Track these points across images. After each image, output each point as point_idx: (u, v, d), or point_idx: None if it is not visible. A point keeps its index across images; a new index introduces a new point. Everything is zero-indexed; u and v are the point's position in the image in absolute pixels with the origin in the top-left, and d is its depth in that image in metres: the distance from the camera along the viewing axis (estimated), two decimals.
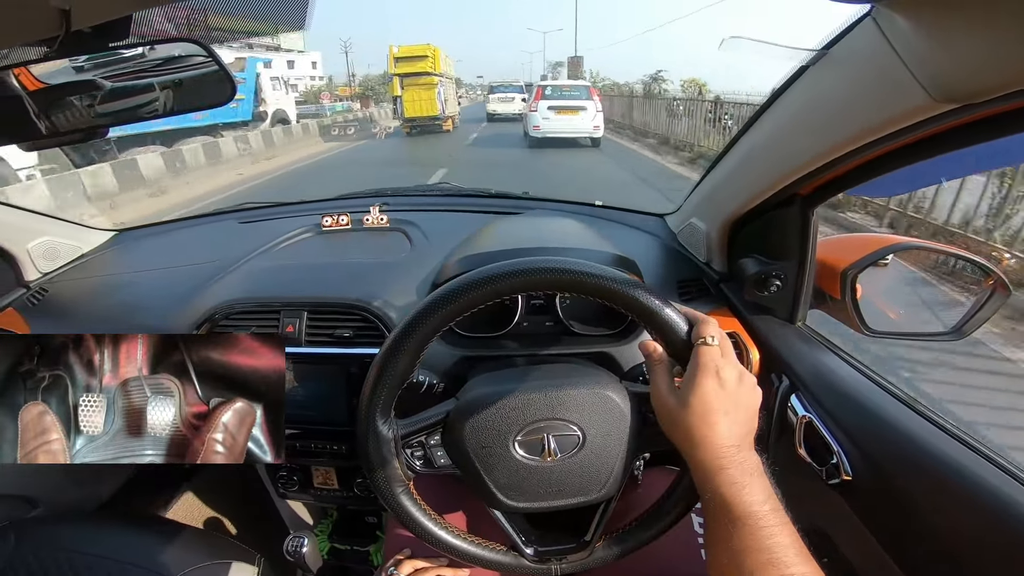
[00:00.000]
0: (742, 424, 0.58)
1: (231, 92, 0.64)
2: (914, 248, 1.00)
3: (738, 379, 0.59)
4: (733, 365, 0.60)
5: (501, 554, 0.73)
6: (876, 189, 0.78)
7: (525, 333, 1.00)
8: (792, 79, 0.72)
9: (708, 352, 0.59)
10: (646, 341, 0.66)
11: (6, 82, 0.62)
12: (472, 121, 24.03)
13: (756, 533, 0.52)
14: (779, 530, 0.52)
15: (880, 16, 0.53)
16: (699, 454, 0.57)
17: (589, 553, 0.73)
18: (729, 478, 0.55)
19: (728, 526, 0.53)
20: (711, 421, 0.57)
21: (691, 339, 0.61)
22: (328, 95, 35.54)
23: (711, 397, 0.57)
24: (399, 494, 0.69)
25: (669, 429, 0.62)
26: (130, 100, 0.66)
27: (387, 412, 0.67)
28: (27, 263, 1.26)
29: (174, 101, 0.66)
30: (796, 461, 0.83)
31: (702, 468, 0.57)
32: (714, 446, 0.56)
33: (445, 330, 0.65)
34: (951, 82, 0.48)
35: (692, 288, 1.09)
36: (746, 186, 0.91)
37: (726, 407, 0.57)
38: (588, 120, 13.11)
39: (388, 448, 0.67)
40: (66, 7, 0.41)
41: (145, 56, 0.63)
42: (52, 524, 1.03)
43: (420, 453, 0.70)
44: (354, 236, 1.35)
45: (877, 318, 0.95)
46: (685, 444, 0.59)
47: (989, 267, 0.90)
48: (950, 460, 0.63)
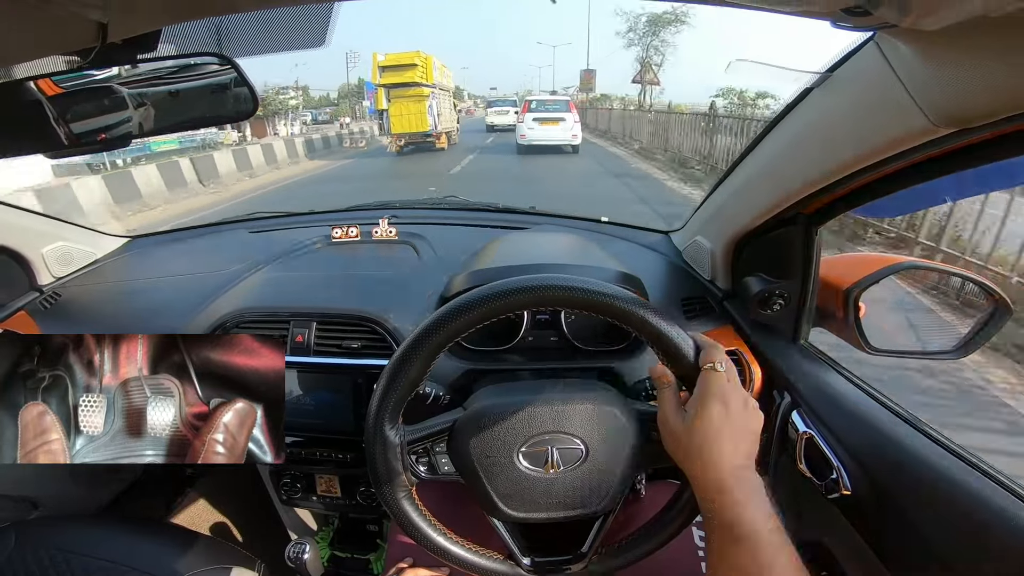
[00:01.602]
0: (745, 447, 0.60)
1: (254, 106, 0.66)
2: (917, 268, 1.01)
3: (743, 404, 0.61)
4: (739, 391, 0.62)
5: (498, 563, 0.73)
6: (879, 210, 0.79)
7: (530, 347, 1.01)
8: (796, 100, 0.74)
9: (715, 378, 0.61)
10: (655, 366, 0.68)
11: (29, 91, 0.64)
12: (474, 131, 23.14)
13: (757, 552, 0.53)
14: (780, 549, 0.53)
15: (883, 41, 0.55)
16: (703, 476, 0.59)
17: (585, 565, 0.73)
18: (732, 498, 0.56)
19: (730, 545, 0.54)
20: (715, 444, 0.59)
21: (699, 363, 0.63)
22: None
23: (717, 421, 0.59)
24: (401, 498, 0.70)
25: (673, 450, 0.64)
26: (153, 112, 0.68)
27: (395, 417, 0.68)
28: (41, 267, 1.28)
29: (197, 113, 0.68)
30: (797, 476, 0.83)
31: (705, 488, 0.58)
32: (718, 468, 0.58)
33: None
34: (949, 107, 0.50)
35: (696, 305, 1.10)
36: (750, 205, 0.92)
37: (730, 431, 0.59)
38: (567, 130, 15.07)
39: (394, 453, 0.68)
40: (104, 21, 0.43)
41: (172, 69, 0.65)
42: (53, 526, 1.04)
43: (425, 459, 0.71)
44: (363, 248, 1.37)
45: (880, 336, 0.95)
46: (689, 465, 0.61)
47: (991, 287, 0.90)
48: (948, 476, 0.64)
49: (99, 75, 0.65)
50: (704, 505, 0.59)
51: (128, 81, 0.66)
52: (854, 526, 0.75)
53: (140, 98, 0.65)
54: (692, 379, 0.63)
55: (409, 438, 0.70)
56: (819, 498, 0.79)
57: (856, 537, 0.74)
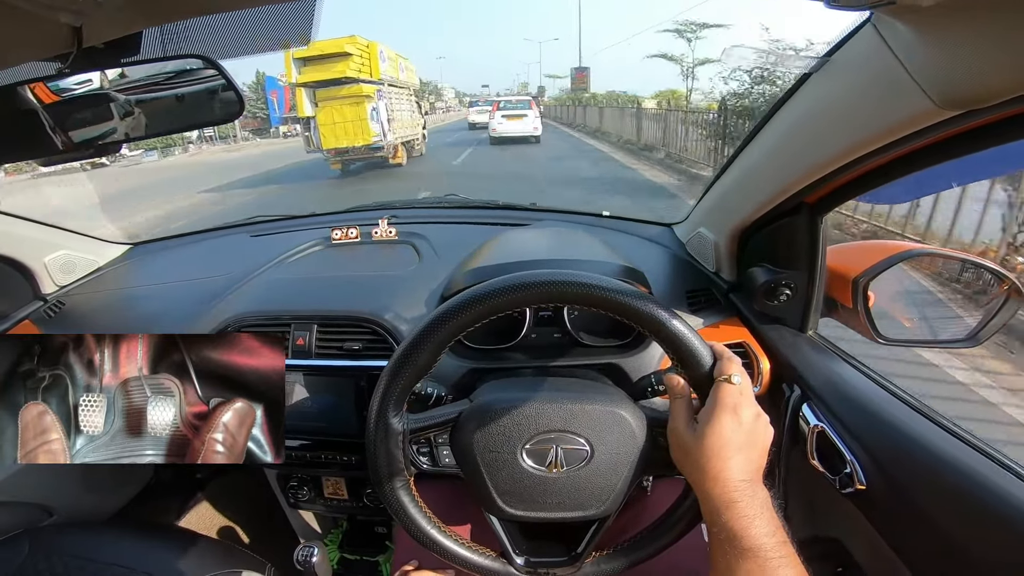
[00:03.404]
0: (754, 461, 0.60)
1: (240, 108, 0.65)
2: (926, 255, 0.99)
3: (755, 418, 0.61)
4: (752, 404, 0.62)
5: (490, 560, 0.73)
6: (884, 196, 0.77)
7: (533, 344, 1.00)
8: (795, 87, 0.72)
9: (729, 391, 0.61)
10: (671, 375, 0.67)
11: (22, 97, 0.64)
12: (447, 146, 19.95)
13: (764, 566, 0.53)
14: (786, 562, 0.53)
15: (880, 22, 0.53)
16: (711, 488, 0.58)
17: (577, 568, 0.72)
18: (739, 511, 0.55)
19: (736, 559, 0.54)
20: (725, 456, 0.58)
21: (713, 374, 0.63)
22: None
23: (728, 434, 0.59)
24: (398, 488, 0.69)
25: (681, 460, 0.63)
26: (142, 115, 0.67)
27: (400, 405, 0.67)
28: (44, 276, 1.29)
29: (185, 116, 0.68)
30: (808, 471, 0.82)
31: (713, 501, 0.58)
32: (726, 481, 0.57)
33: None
34: (953, 87, 0.48)
35: (701, 298, 1.09)
36: (753, 195, 0.90)
37: (741, 444, 0.59)
38: (529, 123, 18.36)
39: (395, 441, 0.68)
40: (77, 24, 0.42)
41: (157, 72, 0.65)
42: (66, 532, 1.05)
43: (426, 450, 0.71)
44: (363, 249, 1.36)
45: (890, 326, 0.93)
46: (697, 476, 0.60)
47: (1004, 273, 0.88)
48: (965, 468, 0.62)
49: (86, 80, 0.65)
50: (710, 518, 0.58)
51: (115, 86, 0.65)
52: (870, 521, 0.74)
53: (127, 103, 0.64)
54: (705, 388, 0.63)
55: (413, 427, 0.69)
56: (833, 493, 0.77)
57: (872, 532, 0.73)
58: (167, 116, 0.68)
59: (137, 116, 0.68)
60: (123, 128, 0.68)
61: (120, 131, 0.68)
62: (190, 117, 0.69)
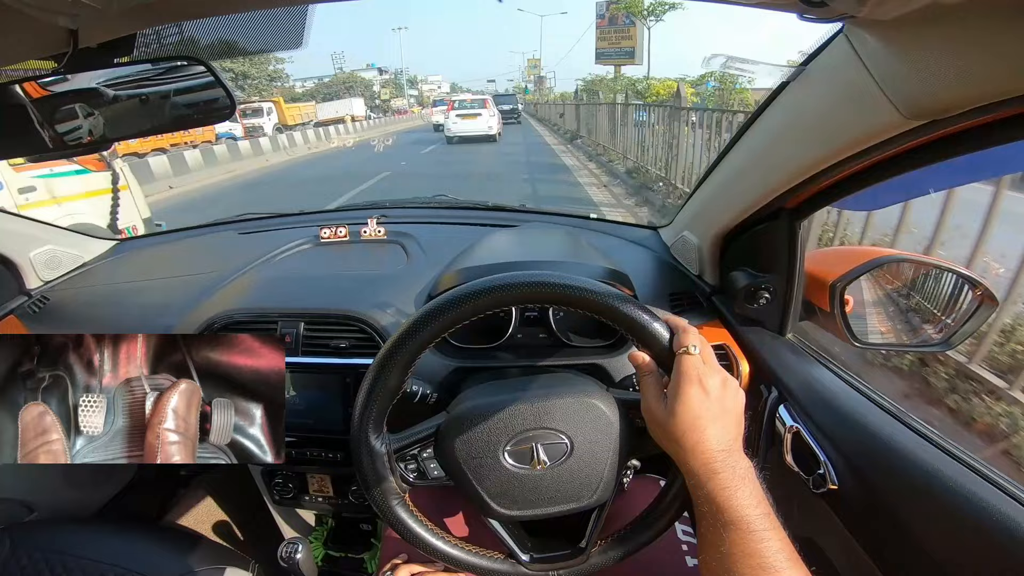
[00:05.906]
0: (730, 429, 0.60)
1: (231, 108, 0.66)
2: (902, 261, 1.01)
3: (722, 385, 0.61)
4: (716, 371, 0.61)
5: (499, 563, 0.73)
6: (862, 202, 0.79)
7: (519, 344, 1.01)
8: (774, 95, 0.74)
9: (690, 361, 0.60)
10: (634, 352, 0.67)
11: (12, 93, 0.64)
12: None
13: (747, 537, 0.53)
14: (770, 534, 0.53)
15: (852, 34, 0.55)
16: (690, 461, 0.58)
17: (586, 559, 0.73)
18: (721, 483, 0.56)
19: (720, 530, 0.54)
20: (699, 428, 0.58)
21: (673, 348, 0.63)
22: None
23: (696, 405, 0.58)
24: (396, 507, 0.70)
25: (660, 437, 0.63)
26: (134, 115, 0.68)
27: (379, 427, 0.68)
28: (29, 271, 1.28)
29: (177, 116, 0.68)
30: (784, 470, 0.83)
31: (694, 474, 0.58)
32: (704, 452, 0.57)
33: (438, 342, 0.66)
34: (917, 99, 0.50)
35: (684, 301, 1.10)
36: (734, 200, 0.92)
37: (713, 414, 0.59)
38: (485, 122, 18.83)
39: (382, 462, 0.68)
40: (73, 27, 0.43)
41: (150, 72, 0.65)
42: (48, 528, 1.04)
43: (413, 466, 0.71)
44: (352, 248, 1.37)
45: (866, 330, 0.96)
46: (676, 451, 0.60)
47: (976, 279, 0.90)
48: (933, 469, 0.64)
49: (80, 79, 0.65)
50: (694, 492, 0.58)
51: (108, 85, 0.66)
52: (842, 521, 0.75)
53: (118, 102, 0.65)
54: (669, 362, 0.63)
55: (395, 446, 0.70)
56: (807, 493, 0.79)
57: (843, 531, 0.75)
58: (157, 115, 0.68)
59: (127, 114, 0.68)
60: (113, 126, 0.68)
61: (110, 129, 0.69)
62: (179, 116, 0.69)
